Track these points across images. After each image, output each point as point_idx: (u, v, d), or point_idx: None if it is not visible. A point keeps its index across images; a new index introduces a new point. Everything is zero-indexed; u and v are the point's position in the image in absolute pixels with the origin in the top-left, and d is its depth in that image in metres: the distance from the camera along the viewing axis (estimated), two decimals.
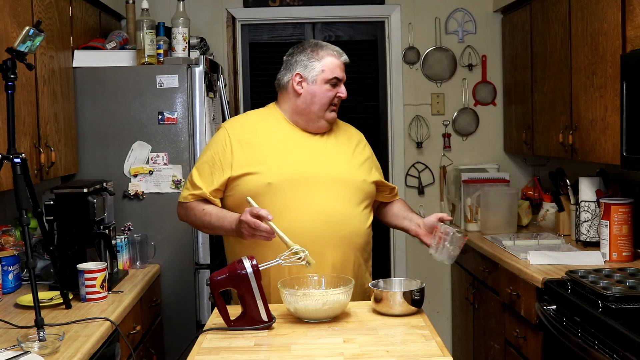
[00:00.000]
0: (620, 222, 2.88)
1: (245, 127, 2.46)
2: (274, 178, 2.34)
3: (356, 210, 2.41)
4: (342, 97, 2.45)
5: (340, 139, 2.52)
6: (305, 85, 2.43)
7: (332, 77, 2.43)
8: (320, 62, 2.44)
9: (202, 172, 2.39)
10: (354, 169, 2.45)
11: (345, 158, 2.46)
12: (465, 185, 3.94)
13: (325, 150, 2.45)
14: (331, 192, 2.37)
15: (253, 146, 2.39)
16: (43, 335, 2.00)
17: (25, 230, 2.16)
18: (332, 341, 1.96)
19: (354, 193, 2.41)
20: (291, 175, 2.35)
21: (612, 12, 2.74)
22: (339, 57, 2.47)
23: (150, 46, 3.19)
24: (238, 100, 4.27)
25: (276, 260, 2.18)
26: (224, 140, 2.40)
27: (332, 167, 2.41)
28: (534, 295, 2.76)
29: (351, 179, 2.42)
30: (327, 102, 2.43)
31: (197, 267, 3.24)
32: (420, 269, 4.26)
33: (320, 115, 2.44)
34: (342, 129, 2.57)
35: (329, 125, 2.48)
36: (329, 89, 2.43)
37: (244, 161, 2.36)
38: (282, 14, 4.25)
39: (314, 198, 2.35)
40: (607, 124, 2.82)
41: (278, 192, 2.33)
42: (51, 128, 2.84)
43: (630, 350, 1.97)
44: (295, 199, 2.33)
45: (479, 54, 4.29)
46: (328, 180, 2.38)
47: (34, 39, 2.29)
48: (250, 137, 2.41)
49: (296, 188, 2.34)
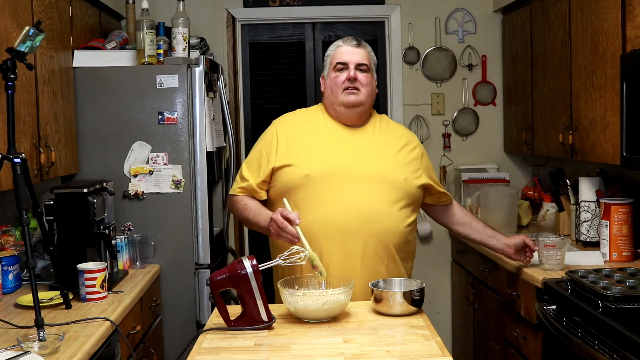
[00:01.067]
0: (620, 222, 2.88)
1: (292, 123, 2.55)
2: (311, 170, 2.40)
3: (391, 208, 2.41)
4: (352, 78, 2.45)
5: (388, 136, 2.53)
6: (325, 81, 2.55)
7: (336, 63, 2.50)
8: (330, 56, 2.55)
9: (251, 165, 2.52)
10: (395, 167, 2.46)
11: (387, 155, 2.48)
12: (465, 185, 3.95)
13: (367, 146, 2.48)
14: (367, 188, 2.40)
15: (296, 140, 2.48)
16: (43, 335, 2.00)
17: (25, 230, 2.16)
18: (332, 341, 1.96)
19: (391, 191, 2.42)
20: (328, 168, 2.41)
21: (612, 12, 2.74)
22: (344, 43, 2.52)
23: (150, 46, 3.19)
24: (238, 100, 4.27)
25: (276, 260, 2.18)
26: (271, 135, 2.53)
27: (370, 163, 2.44)
28: (534, 295, 2.76)
29: (389, 176, 2.43)
30: (337, 87, 2.47)
31: (197, 267, 3.24)
32: (420, 269, 4.25)
33: (337, 102, 2.48)
34: (392, 128, 2.59)
35: (353, 111, 2.48)
36: (336, 75, 2.48)
37: (286, 153, 2.45)
38: (282, 14, 4.25)
39: (348, 192, 2.39)
40: (607, 124, 2.82)
41: (314, 184, 2.39)
42: (51, 128, 2.84)
43: (630, 350, 1.97)
44: (330, 192, 2.38)
45: (479, 54, 4.29)
46: (364, 176, 2.41)
47: (34, 39, 2.29)
48: (295, 131, 2.51)
49: (332, 181, 2.39)
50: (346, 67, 2.47)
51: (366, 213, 2.37)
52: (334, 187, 2.38)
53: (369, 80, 2.49)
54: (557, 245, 2.76)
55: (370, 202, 2.39)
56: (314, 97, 4.29)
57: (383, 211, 2.39)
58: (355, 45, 2.50)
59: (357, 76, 2.46)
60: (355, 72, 2.46)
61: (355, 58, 2.48)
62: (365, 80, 2.47)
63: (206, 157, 3.22)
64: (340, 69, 2.48)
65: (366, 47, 2.54)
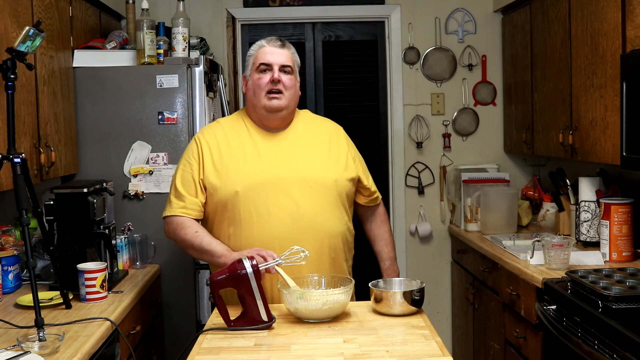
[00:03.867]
0: (620, 222, 2.88)
1: (214, 136, 2.46)
2: (240, 186, 2.34)
3: (327, 211, 2.38)
4: (275, 80, 2.37)
5: (313, 135, 2.49)
6: (248, 83, 2.46)
7: (259, 64, 2.41)
8: (252, 56, 2.46)
9: (185, 181, 2.41)
10: (326, 167, 2.42)
11: (315, 157, 2.42)
12: (465, 185, 3.94)
13: (294, 149, 2.43)
14: (300, 194, 2.35)
15: (220, 155, 2.40)
16: (43, 335, 2.00)
17: (25, 230, 2.16)
18: (332, 341, 1.96)
19: (325, 193, 2.38)
20: (256, 181, 2.35)
21: (612, 12, 2.74)
22: (268, 43, 2.44)
23: (150, 46, 3.19)
24: (238, 100, 4.27)
25: (276, 260, 2.18)
26: (195, 151, 2.43)
27: (299, 168, 2.39)
28: (534, 295, 2.76)
29: (320, 179, 2.39)
30: (260, 89, 2.39)
31: (197, 267, 3.24)
32: (420, 269, 4.26)
33: (260, 105, 2.40)
34: (316, 124, 2.53)
35: (276, 116, 2.41)
36: (259, 76, 2.40)
37: (212, 172, 2.38)
38: (282, 14, 4.25)
39: (281, 202, 2.33)
40: (607, 124, 2.82)
41: (246, 199, 2.33)
42: (51, 128, 2.84)
43: (630, 350, 1.97)
44: (263, 204, 2.33)
45: (479, 54, 4.29)
46: (295, 182, 2.36)
47: (34, 39, 2.29)
48: (219, 145, 2.42)
49: (263, 193, 2.34)
50: (270, 69, 2.39)
51: (303, 220, 2.33)
52: (265, 199, 2.33)
53: (293, 83, 2.43)
54: (564, 245, 2.77)
55: (306, 209, 2.34)
56: (314, 97, 4.29)
57: (319, 215, 2.36)
58: (279, 45, 2.43)
59: (281, 78, 2.38)
60: (279, 74, 2.39)
61: (279, 59, 2.40)
62: (289, 82, 2.41)
63: None
64: (264, 69, 2.40)
65: (290, 47, 2.47)
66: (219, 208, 2.38)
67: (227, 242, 2.36)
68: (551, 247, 2.79)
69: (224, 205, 2.35)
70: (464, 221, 3.94)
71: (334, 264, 2.42)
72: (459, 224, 4.02)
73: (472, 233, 3.84)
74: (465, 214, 3.93)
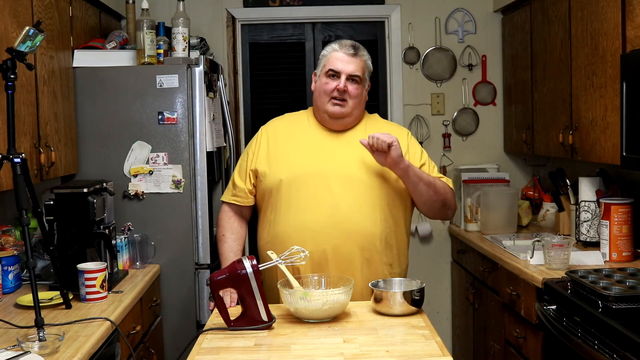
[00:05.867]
0: (620, 222, 2.88)
1: (277, 128, 2.56)
2: (285, 175, 2.41)
3: (364, 210, 2.38)
4: (341, 90, 2.39)
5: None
6: (316, 83, 2.51)
7: (328, 69, 2.43)
8: (325, 57, 2.48)
9: (241, 170, 2.53)
10: (375, 168, 2.40)
11: (367, 156, 2.38)
12: (465, 185, 3.94)
13: (347, 148, 2.44)
14: (340, 190, 2.37)
15: (277, 145, 2.49)
16: (43, 335, 2.00)
17: (25, 230, 2.16)
18: (332, 341, 1.96)
19: (366, 193, 2.39)
20: (301, 172, 2.40)
21: (612, 12, 2.74)
22: (340, 48, 2.44)
23: (150, 46, 3.19)
24: (238, 100, 4.27)
25: (276, 260, 2.18)
26: (257, 140, 2.54)
27: (346, 165, 2.41)
28: (534, 295, 2.76)
29: (367, 178, 2.40)
30: (325, 94, 2.42)
31: (197, 267, 3.24)
32: (420, 269, 4.25)
33: (322, 109, 2.45)
34: (378, 128, 2.49)
35: (337, 121, 2.46)
36: (326, 81, 2.43)
37: (265, 159, 2.47)
38: (282, 14, 4.24)
39: (321, 195, 2.37)
40: (607, 124, 2.82)
41: (288, 187, 2.39)
42: (51, 128, 2.84)
43: (630, 350, 1.97)
44: (304, 195, 2.38)
45: (479, 54, 4.29)
46: (340, 178, 2.39)
47: (34, 39, 2.29)
48: (279, 137, 2.51)
49: (306, 185, 2.38)
50: (338, 76, 2.41)
51: (337, 215, 2.35)
52: (306, 191, 2.37)
53: (359, 92, 2.43)
54: (564, 245, 2.77)
55: (343, 205, 2.36)
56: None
57: (356, 213, 2.36)
58: (351, 54, 2.42)
59: (346, 88, 2.40)
60: (345, 84, 2.39)
61: (348, 68, 2.41)
62: (355, 92, 2.41)
63: (206, 157, 3.22)
64: (332, 75, 2.42)
65: (363, 55, 2.46)
66: (265, 195, 2.46)
67: (267, 228, 2.44)
68: (551, 247, 2.79)
69: (269, 192, 2.44)
70: (464, 221, 3.94)
71: (368, 265, 2.40)
72: (459, 224, 4.02)
73: (472, 233, 3.84)
74: (465, 214, 3.93)
